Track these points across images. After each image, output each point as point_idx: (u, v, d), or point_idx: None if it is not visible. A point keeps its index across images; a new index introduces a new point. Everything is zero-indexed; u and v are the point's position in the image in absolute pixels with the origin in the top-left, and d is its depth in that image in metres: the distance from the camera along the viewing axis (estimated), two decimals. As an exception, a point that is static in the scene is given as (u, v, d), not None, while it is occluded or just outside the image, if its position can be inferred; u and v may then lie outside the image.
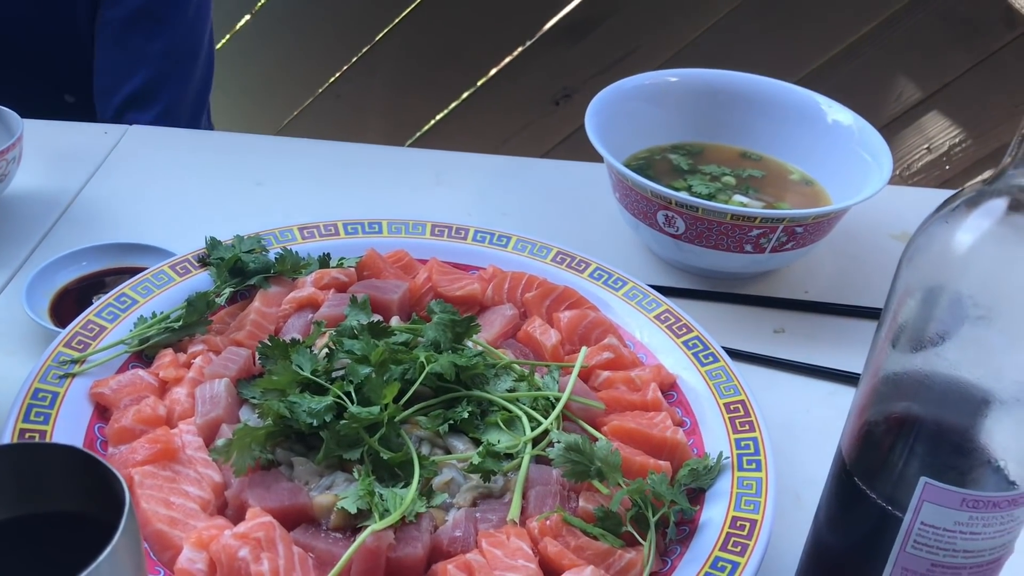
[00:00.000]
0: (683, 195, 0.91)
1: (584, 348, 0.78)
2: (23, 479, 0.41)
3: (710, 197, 1.00)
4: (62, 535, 0.42)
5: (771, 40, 2.12)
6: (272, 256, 0.86)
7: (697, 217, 0.91)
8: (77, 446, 0.41)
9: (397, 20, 2.13)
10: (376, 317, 0.78)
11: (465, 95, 2.22)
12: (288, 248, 0.87)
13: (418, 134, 2.27)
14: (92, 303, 0.87)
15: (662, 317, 0.85)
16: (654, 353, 0.83)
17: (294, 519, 0.64)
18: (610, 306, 0.87)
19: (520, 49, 2.17)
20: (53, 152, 1.09)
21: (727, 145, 1.11)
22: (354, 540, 0.61)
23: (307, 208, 1.05)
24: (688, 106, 1.10)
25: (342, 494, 0.64)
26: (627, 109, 1.07)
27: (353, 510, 0.63)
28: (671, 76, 1.09)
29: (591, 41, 2.15)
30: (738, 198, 1.02)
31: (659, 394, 0.76)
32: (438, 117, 2.25)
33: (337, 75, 2.20)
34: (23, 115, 0.99)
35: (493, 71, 2.20)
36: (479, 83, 2.20)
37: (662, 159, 1.08)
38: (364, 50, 2.17)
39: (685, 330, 0.83)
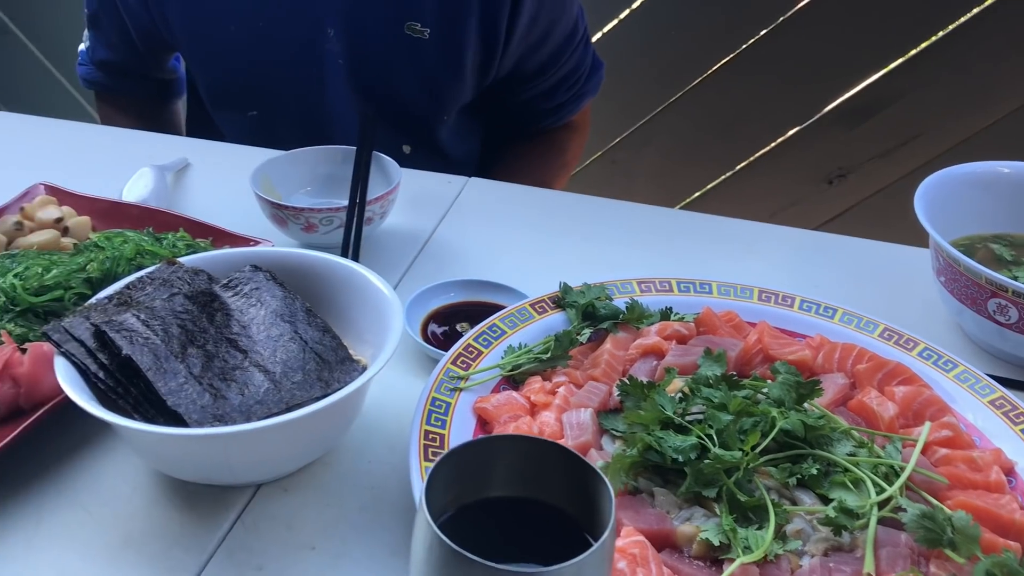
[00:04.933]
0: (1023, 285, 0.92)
1: (927, 423, 0.81)
2: (529, 467, 0.50)
3: (1039, 290, 1.00)
4: (551, 520, 0.51)
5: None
6: (621, 305, 0.94)
7: (1035, 308, 0.92)
8: (575, 452, 0.50)
9: (678, 95, 2.23)
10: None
11: (737, 167, 2.27)
12: (633, 299, 0.95)
13: (685, 201, 2.35)
14: (456, 328, 0.99)
15: (997, 403, 0.86)
16: (988, 437, 0.84)
17: (659, 543, 0.71)
18: (941, 386, 0.89)
19: (797, 128, 2.20)
20: (410, 196, 1.24)
21: (1052, 239, 1.10)
22: (714, 570, 0.67)
23: (626, 264, 1.14)
24: (1015, 197, 1.10)
25: (703, 526, 0.71)
26: (951, 195, 1.09)
27: (716, 542, 0.69)
28: (1003, 167, 1.10)
29: (872, 124, 2.16)
30: (1070, 293, 1.01)
31: (1003, 476, 0.77)
32: (708, 187, 2.31)
33: (615, 142, 2.32)
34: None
35: (768, 147, 2.24)
36: (752, 157, 2.25)
37: (983, 248, 1.09)
38: (643, 121, 2.28)
39: (1022, 418, 0.84)
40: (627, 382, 0.81)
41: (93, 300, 0.82)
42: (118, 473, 0.80)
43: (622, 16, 2.18)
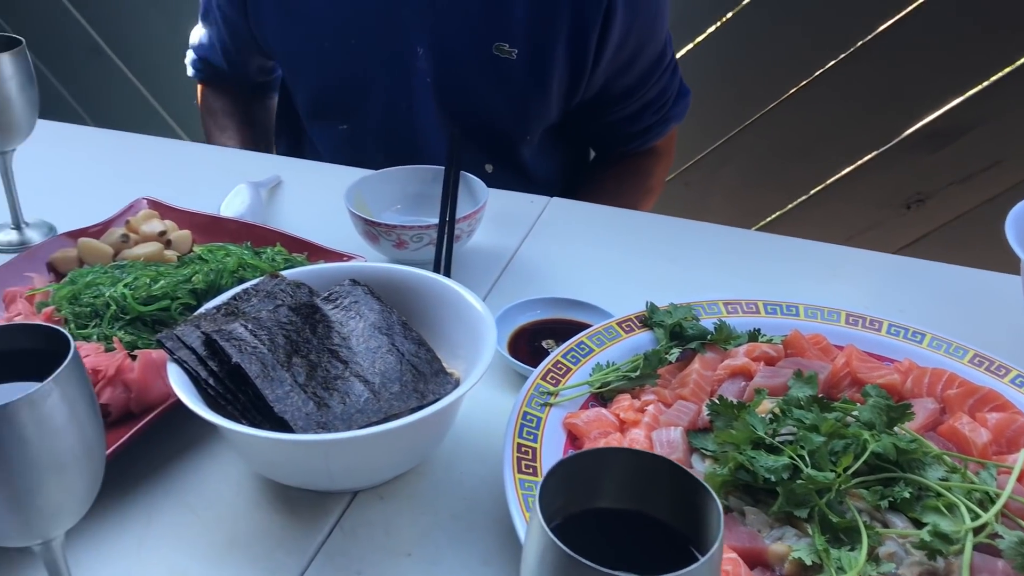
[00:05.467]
0: (1120, 314, 0.90)
1: None
2: (636, 480, 0.52)
3: None
4: (658, 533, 0.52)
5: None
6: (709, 325, 0.95)
7: None
8: (683, 467, 0.51)
9: (755, 117, 2.22)
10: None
11: (814, 191, 2.26)
12: (721, 320, 0.96)
13: (760, 224, 2.34)
14: (542, 345, 1.01)
15: (1094, 432, 0.85)
16: (1085, 467, 0.83)
17: (751, 561, 0.71)
18: (1035, 414, 0.88)
19: (876, 152, 2.18)
20: (494, 215, 1.26)
21: None
22: (808, 589, 0.67)
23: (709, 285, 1.15)
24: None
25: (795, 546, 0.71)
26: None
27: (808, 562, 0.69)
28: (1098, 194, 1.08)
29: (952, 149, 2.13)
30: None
31: (1103, 507, 0.76)
32: (784, 209, 2.30)
33: (689, 163, 2.32)
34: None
35: (845, 171, 2.23)
36: (830, 180, 2.24)
37: (1076, 275, 1.07)
38: (718, 143, 2.28)
39: (1121, 449, 0.83)
40: (717, 402, 0.82)
41: (202, 310, 0.86)
42: (222, 476, 0.84)
43: (699, 40, 2.19)
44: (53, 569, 0.64)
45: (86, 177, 1.40)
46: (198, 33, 1.66)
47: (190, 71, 1.70)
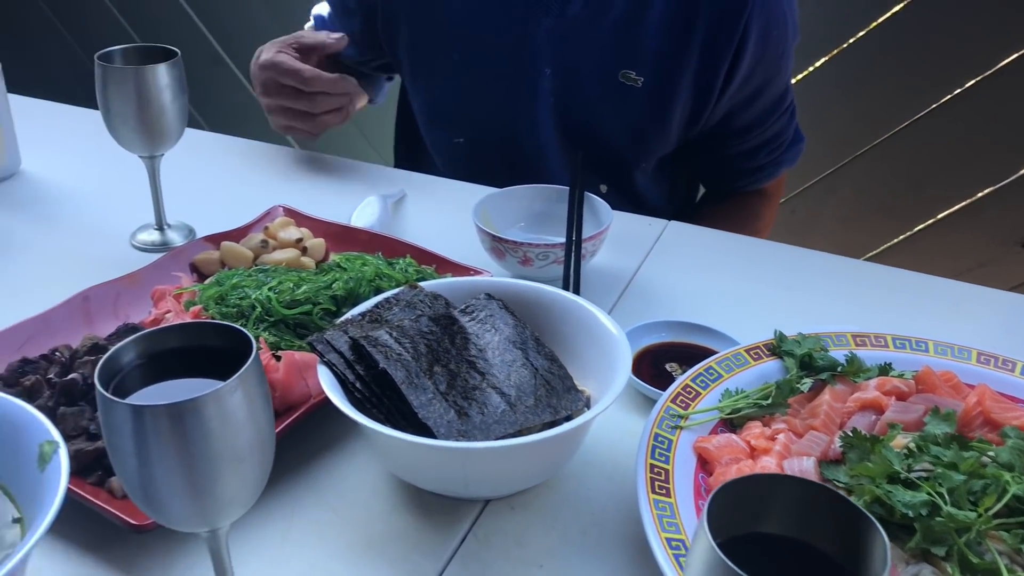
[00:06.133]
0: None
1: None
2: (798, 508, 0.53)
3: None
4: (819, 564, 0.53)
5: None
6: (839, 357, 0.95)
7: None
8: (847, 498, 0.52)
9: (866, 147, 2.20)
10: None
11: (923, 224, 2.22)
12: (852, 352, 0.96)
13: (866, 255, 2.30)
14: (665, 368, 1.02)
15: None
16: None
17: (887, 595, 0.71)
18: None
19: (992, 188, 2.13)
20: (612, 236, 1.28)
21: None
22: (948, 629, 0.67)
23: (829, 315, 1.15)
24: None
25: (933, 584, 0.71)
26: None
27: (949, 601, 0.69)
28: None
29: (1073, 187, 2.07)
30: None
31: None
32: (892, 241, 2.27)
33: (796, 191, 2.30)
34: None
35: (957, 206, 2.18)
36: (941, 215, 2.20)
37: None
38: (826, 172, 2.26)
39: None
40: (851, 434, 0.82)
41: (348, 316, 0.90)
42: (359, 477, 0.87)
43: (810, 69, 2.18)
44: (217, 555, 0.67)
45: (220, 183, 1.47)
46: (322, 11, 1.68)
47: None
